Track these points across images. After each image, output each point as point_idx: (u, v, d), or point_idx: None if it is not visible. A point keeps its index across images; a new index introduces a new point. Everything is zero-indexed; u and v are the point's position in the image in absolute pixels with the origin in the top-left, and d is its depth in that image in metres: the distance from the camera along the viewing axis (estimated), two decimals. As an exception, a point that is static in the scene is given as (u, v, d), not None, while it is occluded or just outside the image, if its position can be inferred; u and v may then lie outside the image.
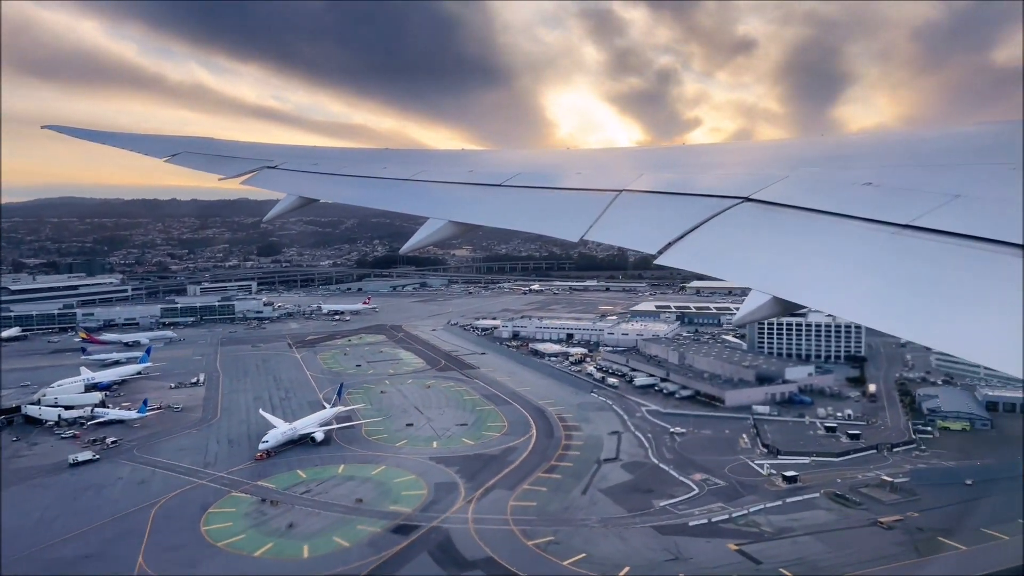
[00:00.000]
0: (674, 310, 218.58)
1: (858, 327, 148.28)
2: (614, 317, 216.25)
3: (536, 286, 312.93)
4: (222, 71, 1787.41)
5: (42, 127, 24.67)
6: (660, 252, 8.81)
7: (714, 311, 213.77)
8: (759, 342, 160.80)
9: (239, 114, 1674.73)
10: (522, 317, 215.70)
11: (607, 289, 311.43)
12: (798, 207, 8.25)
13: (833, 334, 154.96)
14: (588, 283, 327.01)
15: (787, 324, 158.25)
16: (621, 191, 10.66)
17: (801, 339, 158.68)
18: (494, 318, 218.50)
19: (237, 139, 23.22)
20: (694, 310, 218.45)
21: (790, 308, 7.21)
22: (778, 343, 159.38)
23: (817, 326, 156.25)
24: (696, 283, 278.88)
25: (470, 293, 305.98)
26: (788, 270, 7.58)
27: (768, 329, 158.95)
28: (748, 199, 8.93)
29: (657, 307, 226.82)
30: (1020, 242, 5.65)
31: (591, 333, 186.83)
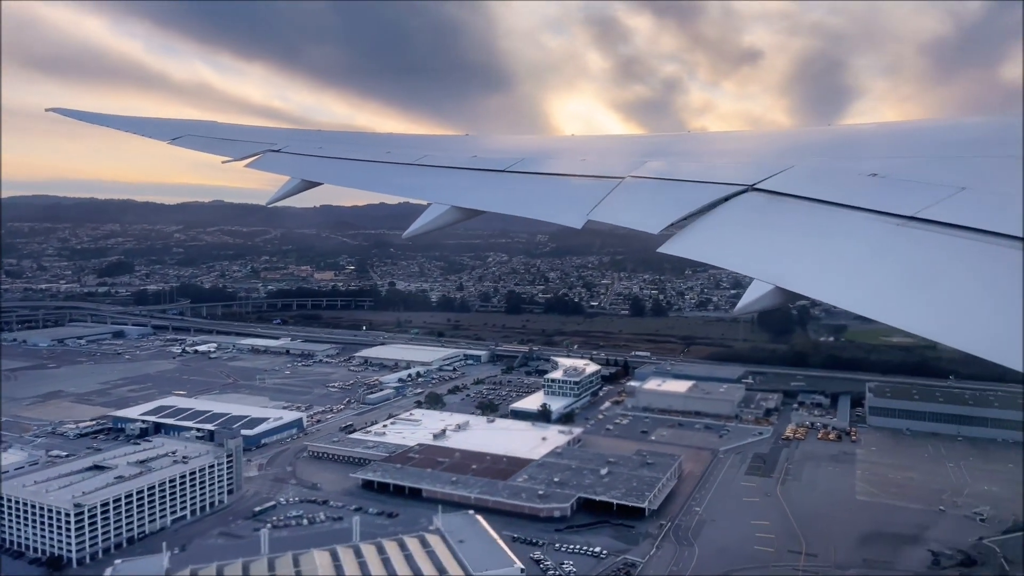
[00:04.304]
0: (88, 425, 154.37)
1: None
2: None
3: (207, 347, 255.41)
4: (227, 70, 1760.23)
5: (46, 110, 24.47)
6: (662, 232, 8.79)
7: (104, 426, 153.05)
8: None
9: (244, 113, 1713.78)
10: None
11: (287, 352, 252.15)
12: (803, 197, 8.19)
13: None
14: (272, 342, 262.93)
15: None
16: (625, 177, 10.61)
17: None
18: None
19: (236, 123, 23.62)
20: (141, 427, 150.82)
21: (792, 299, 7.10)
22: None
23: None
24: (367, 352, 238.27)
25: (119, 353, 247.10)
26: (791, 260, 7.49)
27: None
28: (753, 188, 8.86)
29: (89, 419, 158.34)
30: None
31: None
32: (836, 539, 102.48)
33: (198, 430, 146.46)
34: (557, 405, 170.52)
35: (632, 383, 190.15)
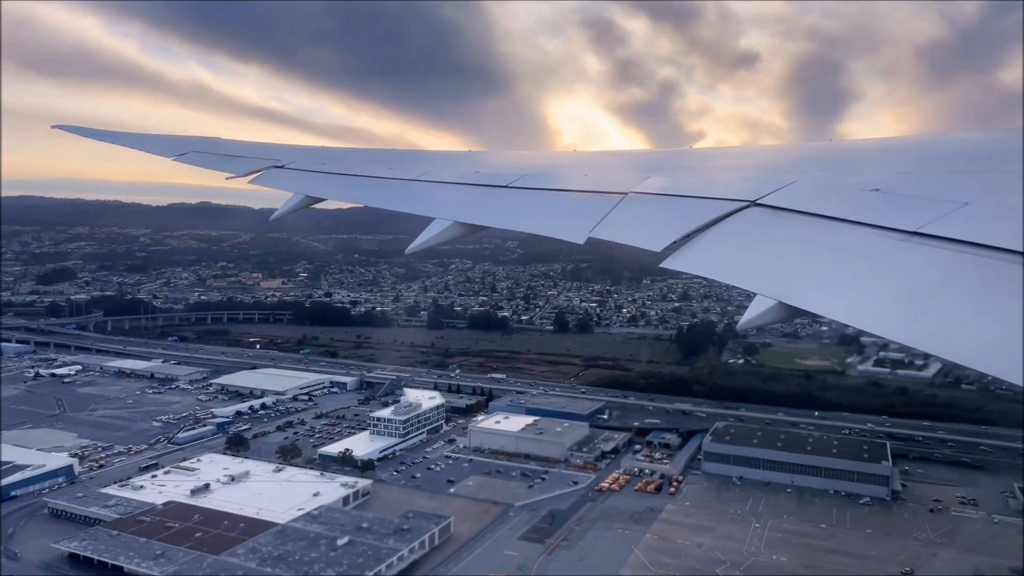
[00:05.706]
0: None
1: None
2: None
3: (66, 370, 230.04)
4: (222, 71, 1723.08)
5: (52, 127, 24.97)
6: (664, 250, 8.86)
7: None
8: None
9: (240, 114, 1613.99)
10: None
11: (151, 376, 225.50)
12: (805, 212, 8.36)
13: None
14: (141, 364, 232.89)
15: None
16: (627, 193, 10.61)
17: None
18: None
19: (240, 139, 23.43)
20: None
21: (795, 314, 7.25)
22: None
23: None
24: (226, 378, 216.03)
25: None
26: (794, 276, 7.66)
27: None
28: (755, 203, 8.97)
29: None
30: None
31: None
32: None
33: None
34: (374, 447, 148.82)
35: (477, 418, 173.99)
